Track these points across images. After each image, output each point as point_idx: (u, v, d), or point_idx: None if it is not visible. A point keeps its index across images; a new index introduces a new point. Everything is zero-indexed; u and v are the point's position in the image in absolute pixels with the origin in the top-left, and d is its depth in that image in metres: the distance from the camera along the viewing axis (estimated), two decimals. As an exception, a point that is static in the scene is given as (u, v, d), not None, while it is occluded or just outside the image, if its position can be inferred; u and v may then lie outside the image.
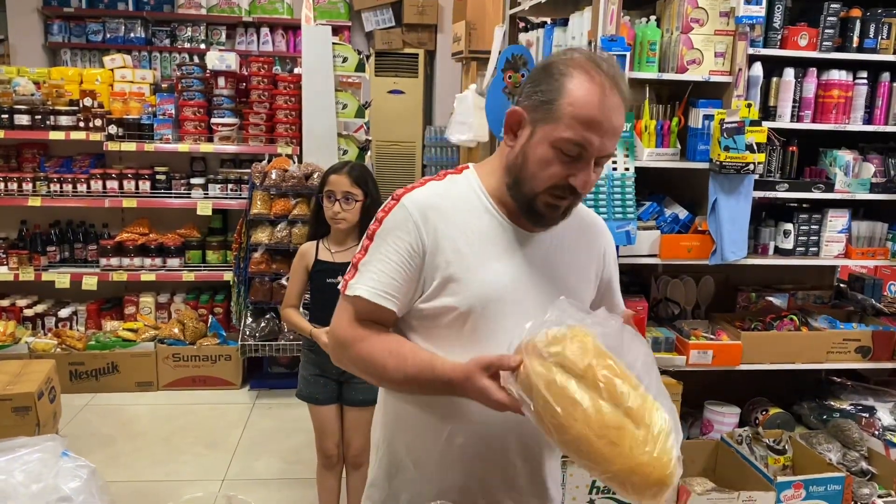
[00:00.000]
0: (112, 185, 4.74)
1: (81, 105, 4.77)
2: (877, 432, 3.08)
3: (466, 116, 6.26)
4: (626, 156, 2.89)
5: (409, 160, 8.40)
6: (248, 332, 4.30)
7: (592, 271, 1.58)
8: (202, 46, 7.28)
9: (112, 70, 5.14)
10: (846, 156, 3.17)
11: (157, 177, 4.80)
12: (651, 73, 2.96)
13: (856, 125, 3.15)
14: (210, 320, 4.75)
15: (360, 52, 4.83)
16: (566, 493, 2.83)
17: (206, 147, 4.74)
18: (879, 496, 2.87)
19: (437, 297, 1.39)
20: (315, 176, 4.39)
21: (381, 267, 1.38)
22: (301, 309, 2.91)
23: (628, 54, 2.84)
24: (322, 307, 2.78)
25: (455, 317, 1.39)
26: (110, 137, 4.67)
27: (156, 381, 4.48)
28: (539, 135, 1.34)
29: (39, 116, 4.67)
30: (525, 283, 1.42)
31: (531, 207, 1.38)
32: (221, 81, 4.79)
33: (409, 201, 1.40)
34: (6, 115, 4.64)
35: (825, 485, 2.82)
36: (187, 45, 7.33)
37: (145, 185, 4.78)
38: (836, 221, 3.18)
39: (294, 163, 4.56)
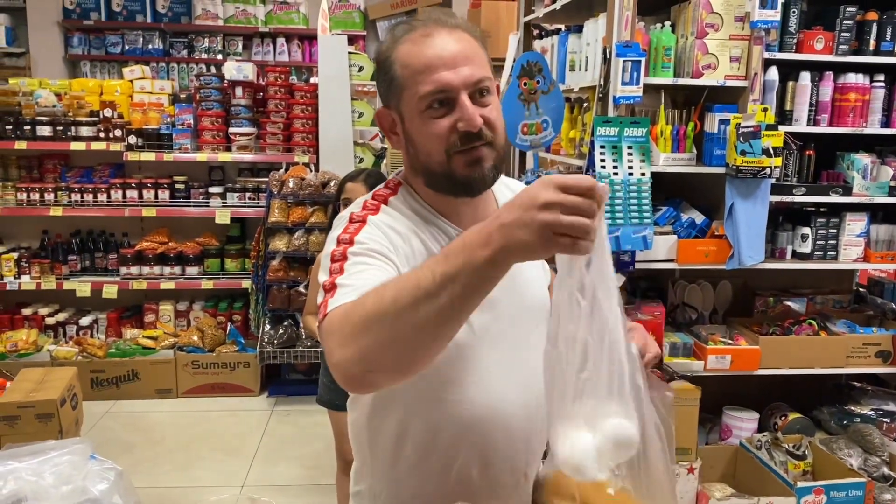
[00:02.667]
0: (132, 194, 4.80)
1: (102, 116, 4.83)
2: (898, 437, 3.06)
3: (481, 124, 6.28)
4: (642, 161, 2.89)
5: (424, 168, 8.42)
6: (266, 340, 4.33)
7: None
8: (219, 57, 7.35)
9: (131, 81, 5.21)
10: (864, 159, 3.16)
11: (176, 186, 4.85)
12: (666, 79, 2.97)
13: (873, 128, 3.14)
14: (229, 328, 4.78)
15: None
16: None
17: (224, 156, 4.79)
18: (902, 502, 2.85)
19: None
20: (332, 184, 4.42)
21: (366, 276, 1.15)
22: None
23: (643, 60, 2.85)
24: None
25: None
26: (130, 147, 4.73)
27: (175, 389, 4.52)
28: (405, 115, 1.26)
29: (61, 127, 4.74)
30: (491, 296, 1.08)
31: (455, 181, 1.25)
32: (239, 91, 4.84)
33: (377, 221, 1.26)
34: (28, 127, 4.71)
35: (846, 490, 2.80)
36: (205, 56, 7.40)
37: (164, 195, 4.83)
38: (855, 225, 3.17)
39: (311, 171, 4.60)
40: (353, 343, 1.02)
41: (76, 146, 4.74)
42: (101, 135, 4.78)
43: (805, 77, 3.07)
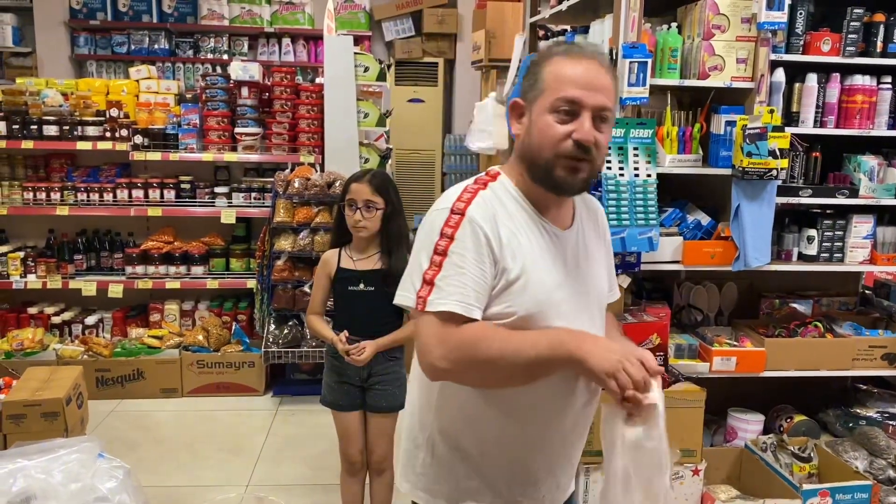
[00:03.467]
0: (137, 194, 4.81)
1: (108, 116, 4.84)
2: (904, 440, 3.05)
3: (486, 124, 6.28)
4: (648, 162, 2.89)
5: (428, 168, 8.43)
6: (271, 339, 4.34)
7: (605, 256, 1.71)
8: (225, 57, 7.37)
9: (137, 81, 5.22)
10: (870, 161, 3.15)
11: (182, 186, 4.86)
12: (673, 80, 2.97)
13: (880, 130, 3.13)
14: (234, 327, 4.79)
15: (381, 62, 4.88)
16: (590, 499, 2.83)
17: (229, 156, 4.79)
18: (907, 505, 2.84)
19: (498, 304, 1.45)
20: (337, 184, 4.42)
21: (464, 280, 1.40)
22: (325, 316, 2.93)
23: (650, 61, 2.84)
24: (345, 313, 2.83)
25: (512, 322, 1.45)
26: (136, 147, 4.74)
27: (180, 388, 4.53)
28: (536, 110, 1.49)
29: (67, 127, 4.75)
30: (565, 284, 1.52)
31: (551, 178, 1.48)
32: (245, 91, 4.85)
33: (475, 214, 1.45)
34: (35, 126, 4.73)
35: (852, 493, 2.80)
36: (210, 56, 7.43)
37: (170, 194, 4.84)
38: (861, 227, 3.16)
39: (316, 171, 4.60)
40: (455, 364, 1.38)
41: (82, 146, 4.75)
42: (108, 134, 4.79)
43: (812, 79, 3.07)
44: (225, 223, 4.78)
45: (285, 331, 4.34)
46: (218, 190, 4.87)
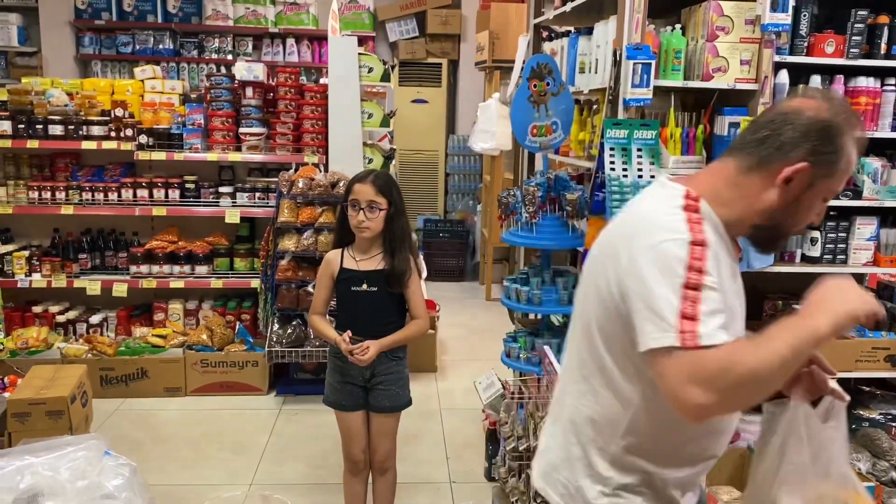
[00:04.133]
0: (142, 193, 4.83)
1: (113, 115, 4.86)
2: (907, 442, 3.05)
3: (489, 125, 6.30)
4: (652, 163, 2.90)
5: (432, 169, 8.44)
6: (274, 339, 4.35)
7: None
8: (229, 57, 7.40)
9: (142, 81, 5.24)
10: (874, 163, 3.15)
11: (187, 185, 4.88)
12: (676, 81, 2.97)
13: (884, 132, 3.13)
14: (237, 327, 4.80)
15: (384, 62, 4.89)
16: (592, 501, 2.83)
17: (234, 156, 4.81)
18: (910, 506, 2.84)
19: None
20: (341, 184, 4.43)
21: (721, 308, 1.34)
22: (328, 316, 2.94)
23: (653, 62, 2.85)
24: (348, 314, 2.82)
25: None
26: (141, 147, 4.75)
27: (184, 387, 4.54)
28: (820, 188, 1.45)
29: (72, 126, 4.77)
30: (740, 312, 1.63)
31: (774, 243, 1.58)
32: (249, 91, 4.86)
33: (712, 242, 1.41)
34: (40, 126, 4.75)
35: (854, 494, 2.79)
36: (215, 56, 7.45)
37: (174, 194, 4.86)
38: (865, 229, 3.16)
39: (320, 171, 4.61)
40: (721, 395, 1.27)
41: (87, 145, 4.77)
42: (112, 134, 4.81)
43: (816, 80, 3.07)
44: (229, 223, 4.80)
45: (289, 330, 4.36)
46: (222, 190, 4.88)
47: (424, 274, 3.17)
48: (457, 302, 6.79)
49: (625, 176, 2.87)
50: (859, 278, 3.69)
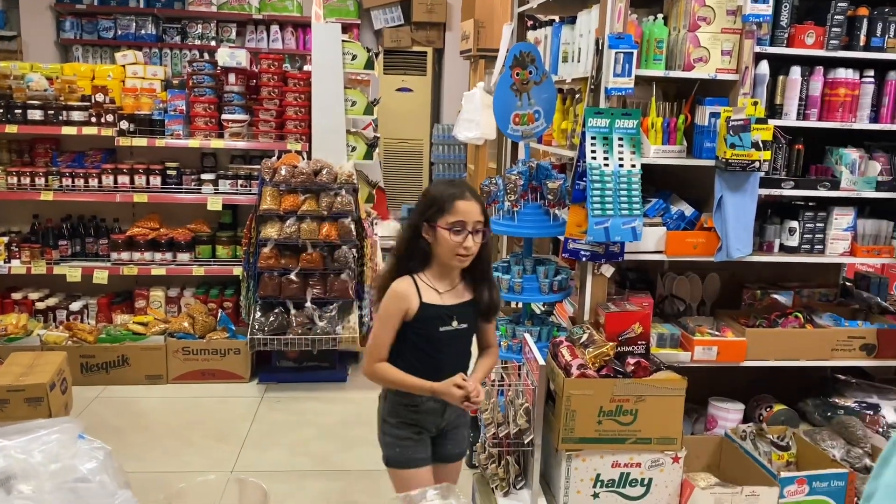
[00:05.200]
0: (123, 180, 4.79)
1: (93, 101, 4.81)
2: (881, 429, 3.10)
3: (474, 114, 6.30)
4: (633, 153, 2.91)
5: (416, 158, 8.43)
6: (256, 327, 4.34)
7: None
8: (212, 44, 7.34)
9: (123, 66, 5.19)
10: (852, 154, 3.19)
11: (168, 172, 4.84)
12: (658, 71, 2.98)
13: (862, 123, 3.16)
14: (219, 314, 4.79)
15: (369, 50, 4.87)
16: (570, 486, 2.86)
17: (216, 143, 4.78)
18: (882, 492, 2.89)
19: None
20: (324, 172, 4.42)
21: None
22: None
23: (635, 52, 2.86)
24: (430, 359, 2.29)
25: None
26: (122, 133, 4.71)
27: (165, 374, 4.52)
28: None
29: (52, 112, 4.72)
30: None
31: None
32: (232, 78, 4.83)
33: None
34: (19, 111, 4.69)
35: (828, 481, 2.84)
36: (198, 43, 7.39)
37: (156, 181, 4.82)
38: (842, 219, 3.20)
39: (303, 159, 4.60)
40: None
41: (67, 131, 4.72)
42: (93, 120, 4.76)
43: (795, 71, 3.09)
44: (211, 210, 4.78)
45: (271, 318, 4.35)
46: (204, 177, 4.86)
47: None
48: (440, 291, 6.79)
49: (606, 165, 2.88)
50: (836, 268, 3.74)
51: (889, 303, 3.69)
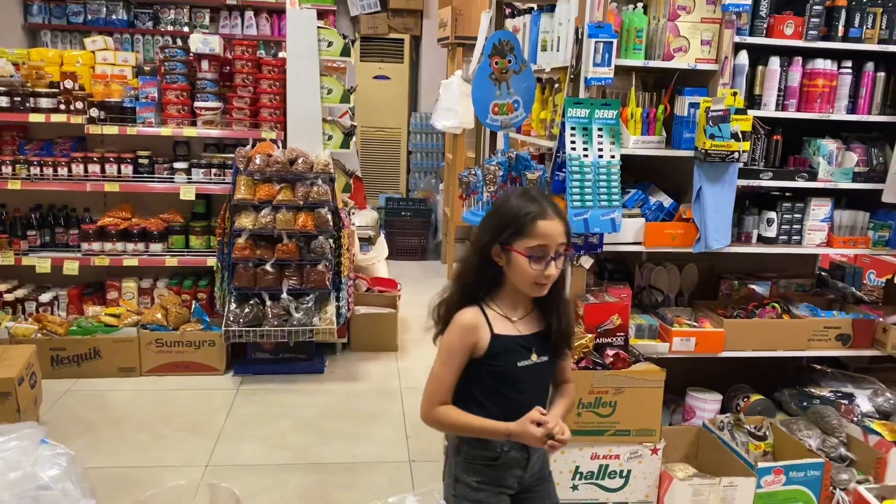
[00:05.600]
0: (94, 168, 4.68)
1: (62, 87, 4.69)
2: (855, 419, 3.13)
3: (452, 103, 6.25)
4: (613, 143, 2.89)
5: (394, 146, 8.37)
6: (231, 318, 4.27)
7: None
8: (185, 29, 7.20)
9: (93, 52, 5.06)
10: (830, 145, 3.19)
11: (140, 161, 4.74)
12: (638, 61, 2.96)
13: (840, 114, 3.17)
14: (193, 306, 4.71)
15: (345, 37, 4.79)
16: (549, 479, 2.85)
17: (189, 131, 4.68)
18: (858, 481, 2.91)
19: None
20: (300, 161, 4.35)
21: None
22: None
23: (615, 41, 2.83)
24: (505, 400, 1.91)
25: None
26: (92, 121, 4.60)
27: (138, 367, 4.45)
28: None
29: (19, 98, 4.59)
30: None
31: None
32: (205, 65, 4.73)
33: None
34: (-15, 97, 4.56)
35: (805, 470, 2.86)
36: (170, 28, 7.25)
37: (127, 170, 4.72)
38: (819, 210, 3.21)
39: (278, 148, 4.52)
40: None
41: (35, 118, 4.59)
42: (62, 107, 4.64)
43: (774, 62, 3.09)
44: (184, 199, 4.69)
45: (246, 309, 4.29)
46: (177, 165, 4.76)
47: None
48: (419, 281, 6.76)
49: (585, 156, 2.86)
50: (813, 258, 3.76)
51: (863, 292, 3.73)
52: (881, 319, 3.22)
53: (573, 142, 2.86)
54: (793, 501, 2.87)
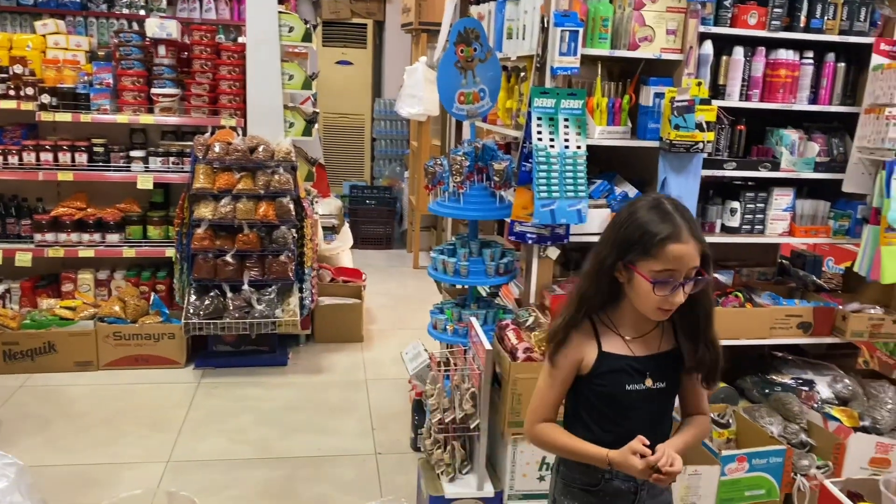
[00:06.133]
0: (46, 157, 4.53)
1: (11, 72, 4.52)
2: (816, 405, 3.17)
3: (416, 89, 6.19)
4: (579, 134, 2.87)
5: (357, 133, 8.28)
6: (191, 310, 4.18)
7: None
8: (142, 13, 6.98)
9: (44, 36, 4.89)
10: (792, 135, 3.22)
11: (95, 149, 4.60)
12: (603, 50, 2.94)
13: (802, 104, 3.19)
14: (152, 298, 4.60)
15: (306, 22, 4.69)
16: (516, 470, 2.85)
17: (146, 118, 4.56)
18: (818, 467, 2.97)
19: None
20: (260, 149, 4.26)
21: None
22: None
23: (581, 30, 2.80)
24: (613, 425, 1.74)
25: None
26: (43, 107, 4.45)
27: (96, 361, 4.33)
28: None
29: (-35, 84, 4.43)
30: None
31: None
32: (162, 50, 4.60)
33: None
34: (-72, 82, 4.38)
35: (767, 457, 2.90)
36: (126, 12, 7.02)
37: (82, 158, 4.58)
38: (782, 200, 3.24)
39: (238, 135, 4.42)
40: None
41: (-17, 104, 4.43)
42: (11, 93, 4.49)
43: (739, 52, 3.09)
44: (142, 189, 4.57)
45: (206, 301, 4.20)
46: (134, 154, 4.63)
47: None
48: (384, 270, 6.71)
49: (552, 146, 2.83)
50: (775, 247, 3.80)
51: (822, 280, 3.78)
52: (840, 307, 3.27)
53: (539, 132, 2.84)
54: (756, 488, 2.91)
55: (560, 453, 1.81)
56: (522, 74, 3.30)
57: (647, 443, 1.61)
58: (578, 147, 2.86)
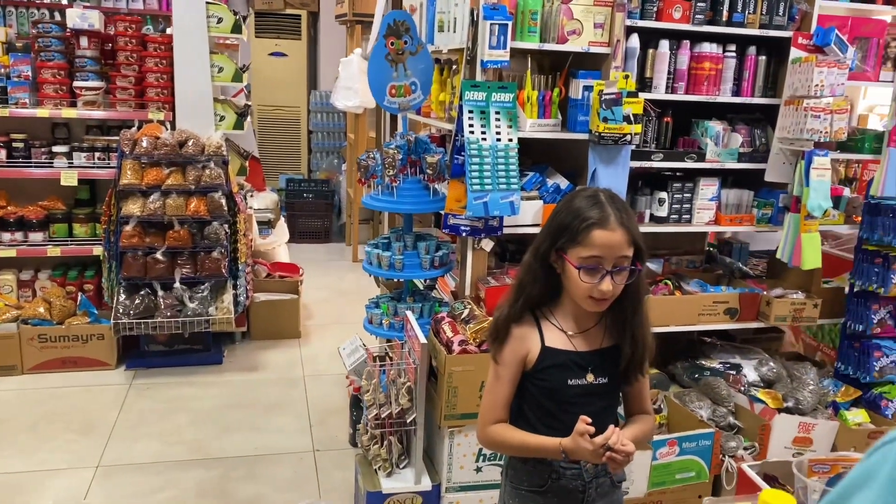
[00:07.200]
0: (-39, 153, 4.33)
1: (-79, 64, 4.31)
2: (742, 388, 3.28)
3: (352, 81, 6.12)
4: (510, 126, 2.89)
5: (293, 126, 8.16)
6: (121, 310, 4.06)
7: None
8: (64, 2, 6.72)
9: (-44, 26, 4.66)
10: (716, 126, 3.30)
11: (14, 144, 4.42)
12: (533, 44, 2.96)
13: (725, 97, 3.28)
14: (80, 298, 4.45)
15: (236, 13, 4.59)
16: (454, 462, 2.86)
17: (68, 112, 4.39)
18: (745, 448, 3.06)
19: None
20: (190, 143, 4.16)
21: None
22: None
23: (510, 23, 2.82)
24: (555, 420, 1.72)
25: None
26: (-43, 101, 4.25)
27: (20, 365, 4.17)
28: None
29: None
30: None
31: None
32: (84, 41, 4.44)
33: None
34: None
35: (696, 440, 2.98)
36: (46, 1, 6.75)
37: (1, 154, 4.39)
38: (707, 190, 3.32)
39: (166, 129, 4.31)
40: None
41: None
42: (-79, 86, 4.27)
43: (664, 45, 3.15)
44: (66, 185, 4.41)
45: (136, 300, 4.08)
46: (56, 149, 4.46)
47: None
48: (322, 264, 6.64)
49: (483, 139, 2.84)
50: (702, 236, 3.90)
51: (748, 266, 3.90)
52: (765, 293, 3.38)
53: (471, 125, 2.84)
54: (686, 471, 2.99)
55: (514, 452, 1.79)
56: (455, 67, 3.30)
57: (590, 421, 1.59)
58: (510, 140, 2.88)
